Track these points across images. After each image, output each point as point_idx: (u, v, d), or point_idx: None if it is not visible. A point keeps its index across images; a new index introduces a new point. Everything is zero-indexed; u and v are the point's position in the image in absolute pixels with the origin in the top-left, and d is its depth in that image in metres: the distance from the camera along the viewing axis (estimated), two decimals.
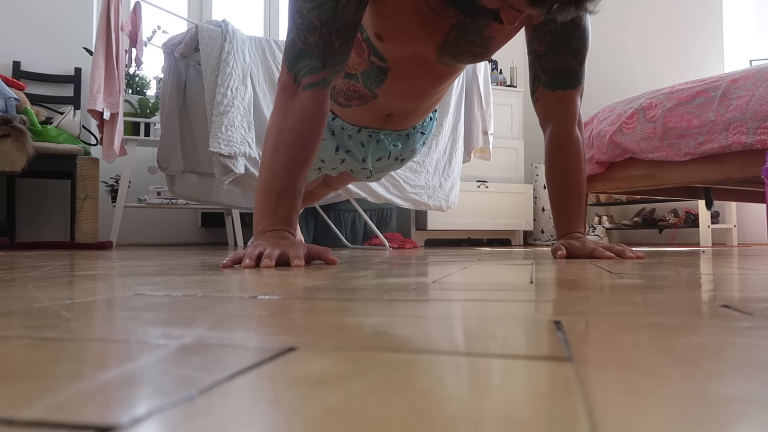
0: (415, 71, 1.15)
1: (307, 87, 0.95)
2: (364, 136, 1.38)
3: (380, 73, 1.16)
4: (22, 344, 0.25)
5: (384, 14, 1.00)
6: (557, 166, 1.18)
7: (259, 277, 0.63)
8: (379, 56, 1.11)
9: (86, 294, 0.46)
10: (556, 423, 0.14)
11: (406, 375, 0.19)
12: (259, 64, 2.29)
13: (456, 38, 1.03)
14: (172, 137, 2.35)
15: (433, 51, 1.07)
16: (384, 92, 1.21)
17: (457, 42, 1.04)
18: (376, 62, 1.13)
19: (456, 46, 1.04)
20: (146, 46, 2.68)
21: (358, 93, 1.23)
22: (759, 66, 1.94)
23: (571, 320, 0.31)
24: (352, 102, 1.27)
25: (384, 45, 1.07)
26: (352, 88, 1.22)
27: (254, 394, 0.17)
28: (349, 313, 0.34)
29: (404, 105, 1.29)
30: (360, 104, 1.27)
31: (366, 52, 1.11)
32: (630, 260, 1.03)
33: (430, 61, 1.10)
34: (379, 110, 1.29)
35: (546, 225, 3.93)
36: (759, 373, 0.19)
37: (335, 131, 1.36)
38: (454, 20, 1.00)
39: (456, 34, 1.02)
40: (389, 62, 1.12)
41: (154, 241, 3.51)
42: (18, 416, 0.14)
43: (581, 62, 1.12)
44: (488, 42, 1.04)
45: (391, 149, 1.43)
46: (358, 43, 1.11)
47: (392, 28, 1.02)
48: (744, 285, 0.53)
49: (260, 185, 0.93)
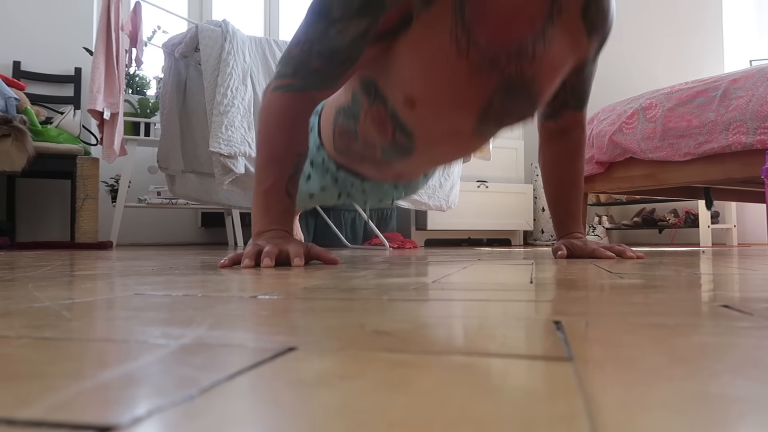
0: (444, 148, 1.07)
1: (274, 89, 0.93)
2: (367, 185, 1.35)
3: (405, 152, 1.09)
4: (22, 344, 0.25)
5: (416, 72, 0.91)
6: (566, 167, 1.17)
7: (258, 277, 0.63)
8: (406, 133, 1.03)
9: (86, 294, 0.46)
10: (556, 423, 0.14)
11: (406, 375, 0.19)
12: (259, 64, 2.29)
13: (502, 101, 0.96)
14: (172, 137, 2.35)
15: (471, 120, 0.99)
16: (402, 164, 1.16)
17: (503, 104, 0.96)
18: (401, 141, 1.05)
19: (501, 108, 0.97)
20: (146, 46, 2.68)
21: (375, 161, 1.18)
22: (759, 66, 1.94)
23: (571, 320, 0.31)
24: (365, 162, 1.21)
25: (413, 114, 0.97)
26: (370, 155, 1.16)
27: (254, 393, 0.17)
28: (349, 313, 0.34)
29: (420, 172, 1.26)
30: (372, 166, 1.22)
31: (390, 130, 1.04)
32: (630, 260, 1.03)
33: (465, 133, 1.03)
34: (390, 171, 1.24)
35: (546, 225, 3.93)
36: (759, 373, 0.19)
37: (338, 179, 1.34)
38: (498, 80, 0.92)
39: (501, 96, 0.95)
40: (416, 140, 1.04)
41: (154, 241, 3.51)
42: (18, 416, 0.14)
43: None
44: (536, 97, 0.97)
45: (393, 194, 1.42)
46: (381, 120, 1.03)
47: (426, 88, 0.92)
48: (744, 285, 0.53)
49: (254, 187, 0.94)
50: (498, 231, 3.65)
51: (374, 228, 2.80)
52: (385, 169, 1.22)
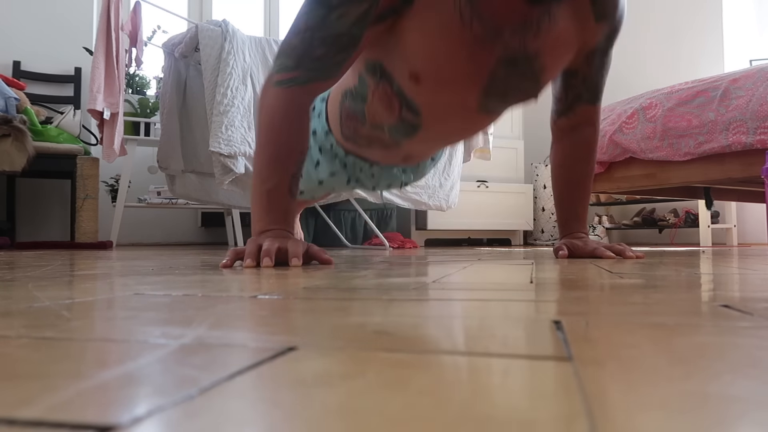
0: (450, 125, 1.08)
1: (276, 84, 0.92)
2: (376, 169, 1.36)
3: (412, 129, 1.10)
4: (22, 344, 0.25)
5: (420, 47, 0.91)
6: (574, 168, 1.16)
7: (258, 277, 0.63)
8: (412, 110, 1.04)
9: (86, 294, 0.46)
10: (556, 423, 0.14)
11: (406, 375, 0.19)
12: (259, 63, 2.29)
13: (505, 74, 0.95)
14: (172, 137, 2.35)
15: (476, 95, 0.99)
16: (410, 143, 1.17)
17: (506, 78, 0.96)
18: (408, 118, 1.06)
19: (505, 82, 0.96)
20: (146, 45, 2.68)
21: (382, 141, 1.19)
22: (759, 66, 1.94)
23: (571, 320, 0.31)
24: (373, 146, 1.22)
25: (419, 89, 0.98)
26: (377, 136, 1.17)
27: (254, 393, 0.17)
28: (349, 313, 0.34)
29: (428, 151, 1.26)
30: (380, 148, 1.23)
31: (397, 107, 1.05)
32: (630, 260, 1.03)
33: (470, 109, 1.03)
34: (398, 153, 1.25)
35: (546, 225, 3.93)
36: (759, 373, 0.19)
37: (347, 164, 1.33)
38: (501, 53, 0.92)
39: (504, 69, 0.94)
40: (423, 116, 1.05)
41: (154, 241, 3.51)
42: (18, 416, 0.14)
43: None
44: (539, 74, 0.97)
45: (402, 178, 1.42)
46: (388, 98, 1.04)
47: (430, 62, 0.93)
48: (744, 285, 0.53)
49: (253, 186, 0.93)
50: (498, 231, 3.65)
51: (374, 228, 2.80)
52: (393, 150, 1.22)
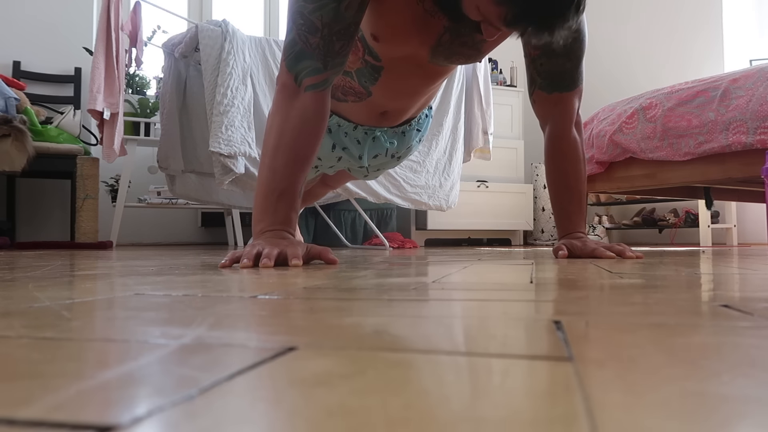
0: (408, 71, 1.16)
1: (309, 88, 0.95)
2: (360, 134, 1.39)
3: (374, 71, 1.17)
4: (22, 344, 0.25)
5: (380, 15, 1.01)
6: (556, 167, 1.19)
7: (258, 277, 0.63)
8: (373, 55, 1.12)
9: (86, 294, 0.46)
10: (556, 423, 0.14)
11: (406, 375, 0.19)
12: (259, 63, 2.29)
13: (449, 40, 1.04)
14: (172, 137, 2.35)
15: (426, 52, 1.08)
16: (378, 90, 1.22)
17: (450, 44, 1.05)
18: (370, 61, 1.14)
19: (448, 48, 1.05)
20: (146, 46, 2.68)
21: (354, 90, 1.25)
22: (759, 66, 1.94)
23: (571, 320, 0.31)
24: (348, 98, 1.28)
25: (379, 45, 1.08)
26: (348, 84, 1.24)
27: (254, 393, 0.17)
28: (349, 313, 0.34)
29: (398, 103, 1.30)
30: (355, 101, 1.28)
31: (361, 51, 1.12)
32: (630, 260, 1.03)
33: (423, 61, 1.11)
34: (374, 108, 1.30)
35: (546, 225, 3.93)
36: (759, 373, 0.19)
37: (332, 128, 1.37)
38: (447, 23, 1.00)
39: (449, 36, 1.03)
40: (383, 61, 1.13)
41: (154, 241, 3.51)
42: (18, 416, 0.14)
43: (577, 65, 1.12)
44: (480, 44, 1.05)
45: (387, 146, 1.44)
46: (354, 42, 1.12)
47: (388, 28, 1.03)
48: (744, 285, 0.53)
49: (260, 185, 0.93)
50: (498, 231, 3.65)
51: (374, 228, 2.80)
52: (368, 105, 1.28)
